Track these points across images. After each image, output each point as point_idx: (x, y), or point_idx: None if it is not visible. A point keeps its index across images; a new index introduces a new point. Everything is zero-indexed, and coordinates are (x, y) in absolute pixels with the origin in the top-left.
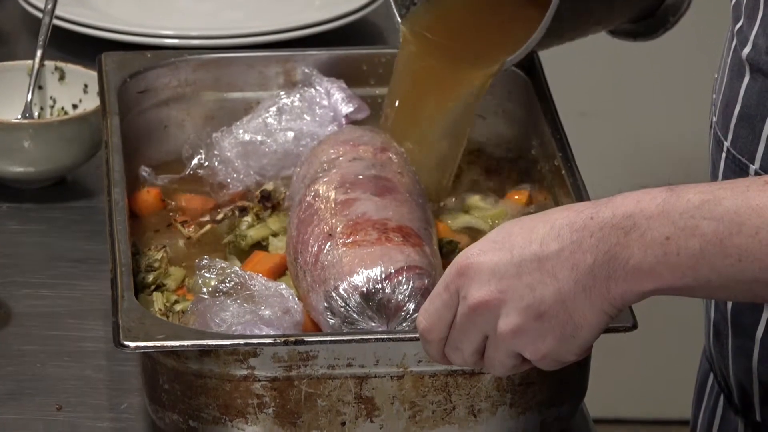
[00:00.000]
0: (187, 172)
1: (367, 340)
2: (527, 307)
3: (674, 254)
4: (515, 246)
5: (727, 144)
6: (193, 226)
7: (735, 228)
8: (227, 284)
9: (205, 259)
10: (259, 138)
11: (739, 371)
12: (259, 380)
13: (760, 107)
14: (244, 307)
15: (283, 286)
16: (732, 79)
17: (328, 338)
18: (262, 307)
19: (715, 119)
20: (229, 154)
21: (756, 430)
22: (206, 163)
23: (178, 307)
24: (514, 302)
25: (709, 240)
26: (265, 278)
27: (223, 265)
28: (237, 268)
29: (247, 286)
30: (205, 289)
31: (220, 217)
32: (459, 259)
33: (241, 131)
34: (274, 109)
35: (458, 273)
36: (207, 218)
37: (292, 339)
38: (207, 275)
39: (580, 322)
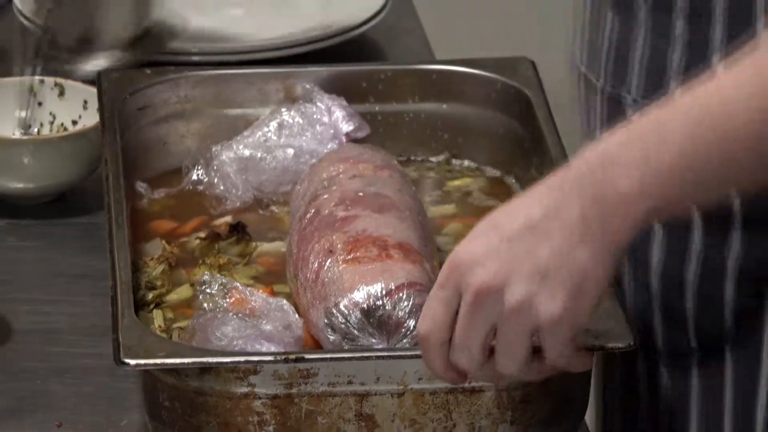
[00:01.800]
0: (186, 187)
1: (367, 358)
2: (529, 272)
3: (654, 159)
4: (502, 227)
5: (600, 84)
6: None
7: (705, 110)
8: (228, 300)
9: (206, 275)
10: (258, 154)
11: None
12: (260, 398)
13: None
14: (245, 322)
15: (284, 302)
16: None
17: (329, 356)
18: (264, 322)
19: (583, 67)
20: (228, 168)
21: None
22: (205, 178)
23: (177, 324)
24: (516, 272)
25: (687, 122)
26: (266, 294)
27: (223, 281)
28: (238, 284)
29: (248, 302)
30: (205, 305)
31: (195, 243)
32: (450, 257)
33: (241, 146)
34: (274, 124)
35: (452, 268)
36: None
37: (292, 356)
38: (207, 291)
39: (584, 271)
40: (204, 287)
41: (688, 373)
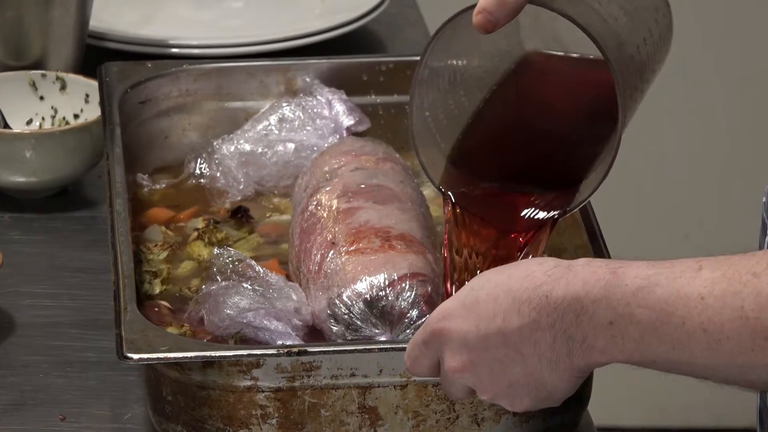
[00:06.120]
0: (190, 181)
1: (370, 350)
2: (498, 379)
3: (619, 338)
4: (481, 317)
5: None
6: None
7: (665, 317)
8: (242, 276)
9: (223, 248)
10: (259, 149)
11: None
12: (263, 391)
13: None
14: (257, 291)
15: (297, 286)
16: None
17: (331, 348)
18: (275, 297)
19: (765, 200)
20: (229, 162)
21: None
22: (207, 172)
23: (184, 290)
24: (486, 374)
25: (645, 328)
26: (279, 275)
27: (240, 257)
28: (252, 261)
29: (261, 278)
30: (219, 277)
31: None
32: (433, 318)
33: (242, 141)
34: (274, 118)
35: (432, 334)
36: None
37: (295, 350)
38: (222, 263)
39: (551, 388)
40: (219, 259)
41: None
